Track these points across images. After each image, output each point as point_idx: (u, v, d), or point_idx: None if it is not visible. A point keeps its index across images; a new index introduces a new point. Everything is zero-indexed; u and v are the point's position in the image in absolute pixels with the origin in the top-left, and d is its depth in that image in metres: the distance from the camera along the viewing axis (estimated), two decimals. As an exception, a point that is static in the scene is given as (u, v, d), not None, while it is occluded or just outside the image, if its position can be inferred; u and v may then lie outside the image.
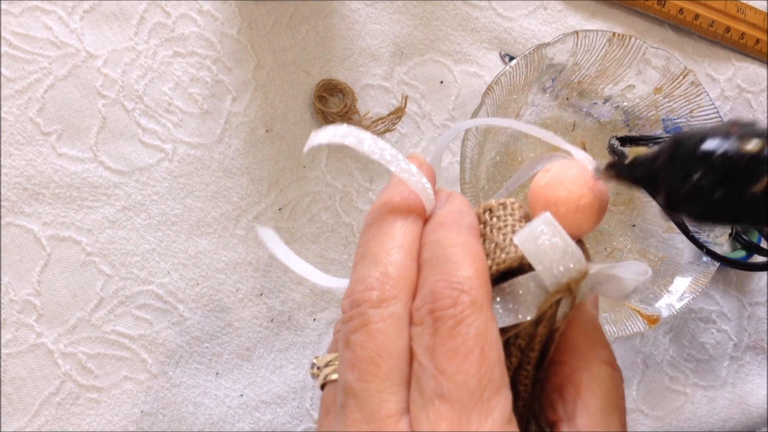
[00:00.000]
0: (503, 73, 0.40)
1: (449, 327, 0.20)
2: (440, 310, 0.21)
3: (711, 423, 0.50)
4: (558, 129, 0.46)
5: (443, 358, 0.20)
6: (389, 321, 0.21)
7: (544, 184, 0.24)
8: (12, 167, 0.40)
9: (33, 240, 0.40)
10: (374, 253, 0.23)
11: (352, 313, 0.22)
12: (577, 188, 0.23)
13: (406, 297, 0.22)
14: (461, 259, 0.22)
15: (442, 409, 0.19)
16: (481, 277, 0.22)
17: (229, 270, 0.43)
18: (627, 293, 0.23)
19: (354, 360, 0.21)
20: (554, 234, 0.22)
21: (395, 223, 0.24)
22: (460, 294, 0.21)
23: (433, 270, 0.22)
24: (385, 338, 0.21)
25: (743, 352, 0.51)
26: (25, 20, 0.40)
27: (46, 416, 0.40)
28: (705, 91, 0.42)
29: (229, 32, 0.43)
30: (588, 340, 0.23)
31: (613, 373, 0.23)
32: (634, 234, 0.46)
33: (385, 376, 0.21)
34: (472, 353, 0.20)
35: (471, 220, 0.24)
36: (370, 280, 0.22)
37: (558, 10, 0.48)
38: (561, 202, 0.23)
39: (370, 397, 0.21)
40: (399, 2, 0.45)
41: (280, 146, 0.43)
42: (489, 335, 0.20)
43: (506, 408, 0.20)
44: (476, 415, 0.19)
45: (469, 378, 0.20)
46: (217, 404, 0.42)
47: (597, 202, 0.23)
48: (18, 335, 0.40)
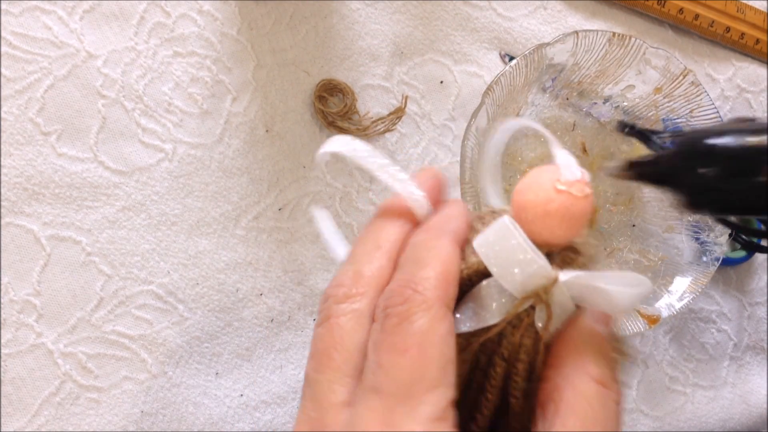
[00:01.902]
0: (503, 73, 0.40)
1: (394, 323, 0.21)
2: (391, 307, 0.21)
3: (711, 423, 0.50)
4: (558, 129, 0.46)
5: (383, 352, 0.21)
6: (350, 316, 0.22)
7: (518, 188, 0.23)
8: (12, 167, 0.40)
9: (33, 240, 0.40)
10: (354, 254, 0.24)
11: (321, 307, 0.23)
12: (545, 192, 0.22)
13: (373, 295, 0.23)
14: (427, 261, 0.22)
15: (374, 403, 0.20)
16: (442, 278, 0.22)
17: (229, 270, 0.43)
18: (618, 307, 0.22)
19: (313, 351, 0.23)
20: (510, 237, 0.22)
21: (381, 227, 0.25)
22: (412, 293, 0.21)
23: (401, 270, 0.23)
24: (342, 332, 0.22)
25: (743, 352, 0.51)
26: (25, 20, 0.40)
27: (46, 416, 0.40)
28: (705, 91, 0.42)
29: (229, 32, 0.43)
30: (577, 355, 0.22)
31: (602, 391, 0.22)
32: (634, 234, 0.46)
33: (336, 368, 0.22)
34: (410, 350, 0.20)
35: (456, 225, 0.24)
36: (342, 278, 0.23)
37: (558, 10, 0.48)
38: (529, 207, 0.22)
39: (320, 386, 0.22)
40: (399, 2, 0.45)
41: (280, 146, 0.43)
42: (431, 334, 0.21)
43: (437, 406, 0.20)
44: (402, 410, 0.20)
45: (401, 373, 0.20)
46: (217, 404, 0.42)
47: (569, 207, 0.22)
48: (18, 335, 0.40)
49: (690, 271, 0.43)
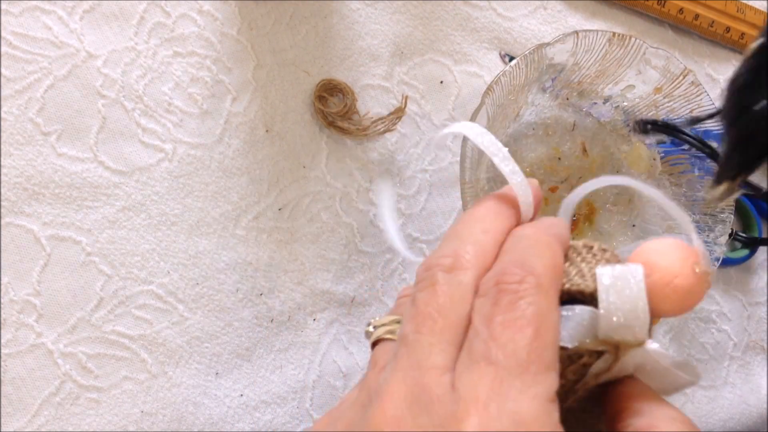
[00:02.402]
0: (503, 73, 0.40)
1: (510, 300, 0.21)
2: (505, 284, 0.21)
3: (711, 423, 0.50)
4: (558, 129, 0.46)
5: (498, 326, 0.20)
6: (455, 286, 0.22)
7: (654, 248, 0.24)
8: (12, 167, 0.40)
9: (33, 240, 0.40)
10: (459, 232, 0.25)
11: (423, 275, 0.23)
12: (680, 266, 0.23)
13: (477, 271, 0.23)
14: (539, 251, 0.22)
15: (487, 371, 0.20)
16: (554, 269, 0.22)
17: (229, 270, 0.43)
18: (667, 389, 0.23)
19: (414, 313, 0.22)
20: (635, 285, 0.22)
21: (488, 213, 0.25)
22: (527, 274, 0.21)
23: (510, 254, 0.23)
24: (447, 299, 0.22)
25: (743, 352, 0.51)
26: (25, 20, 0.40)
27: (46, 416, 0.40)
28: (705, 91, 0.42)
29: (229, 32, 0.43)
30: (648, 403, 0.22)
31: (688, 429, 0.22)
32: (634, 234, 0.46)
33: (439, 332, 0.22)
34: (527, 328, 0.20)
35: (560, 231, 0.25)
36: (447, 250, 0.23)
37: (558, 10, 0.48)
38: (657, 270, 0.23)
39: (421, 347, 0.21)
40: (399, 2, 0.45)
41: (280, 146, 0.44)
42: (548, 319, 0.21)
43: (551, 388, 0.20)
44: (519, 384, 0.19)
45: (519, 349, 0.20)
46: (217, 404, 0.42)
47: (691, 290, 0.23)
48: (18, 335, 0.40)
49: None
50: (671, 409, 0.22)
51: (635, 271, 0.22)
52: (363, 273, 0.45)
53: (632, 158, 0.44)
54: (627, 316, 0.21)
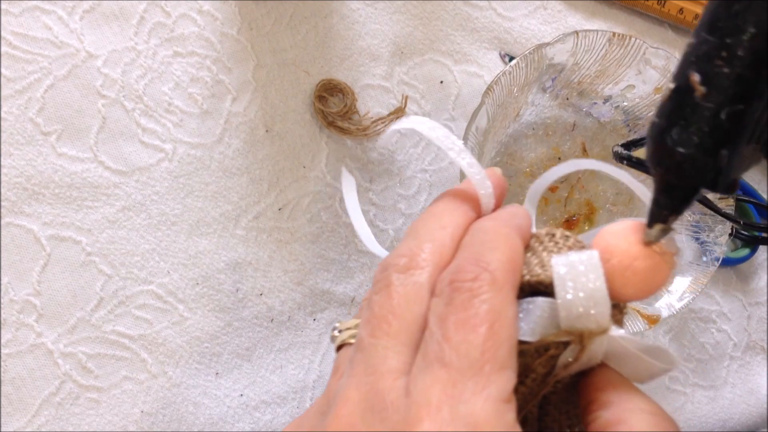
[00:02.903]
0: (503, 73, 0.40)
1: (464, 299, 0.20)
2: (459, 282, 0.21)
3: (711, 423, 0.50)
4: (558, 129, 0.46)
5: (451, 326, 0.20)
6: (410, 287, 0.22)
7: (613, 231, 0.23)
8: (12, 167, 0.40)
9: (33, 240, 0.40)
10: (416, 230, 0.24)
11: (379, 276, 0.23)
12: (639, 248, 0.22)
13: (433, 270, 0.22)
14: (496, 244, 0.22)
15: (440, 374, 0.20)
16: (511, 263, 0.22)
17: (229, 270, 0.43)
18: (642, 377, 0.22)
19: (369, 317, 0.22)
20: (591, 272, 0.21)
21: (445, 209, 0.25)
22: (482, 271, 0.21)
23: (467, 249, 0.22)
24: (402, 300, 0.22)
25: (743, 352, 0.51)
26: (25, 20, 0.40)
27: (46, 416, 0.40)
28: None
29: (229, 32, 0.43)
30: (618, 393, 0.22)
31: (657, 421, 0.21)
32: (634, 234, 0.46)
33: (394, 334, 0.21)
34: (481, 327, 0.20)
35: (520, 222, 0.24)
36: (404, 250, 0.23)
37: (558, 10, 0.48)
38: (617, 254, 0.22)
39: (376, 351, 0.21)
40: (399, 2, 0.45)
41: (280, 146, 0.44)
42: (503, 316, 0.20)
43: (506, 387, 0.20)
44: (471, 385, 0.19)
45: (472, 349, 0.20)
46: (217, 404, 0.42)
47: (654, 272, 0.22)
48: (18, 335, 0.40)
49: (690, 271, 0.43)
50: (642, 399, 0.22)
51: (591, 256, 0.22)
52: (363, 273, 0.45)
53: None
54: (586, 304, 0.21)
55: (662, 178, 0.23)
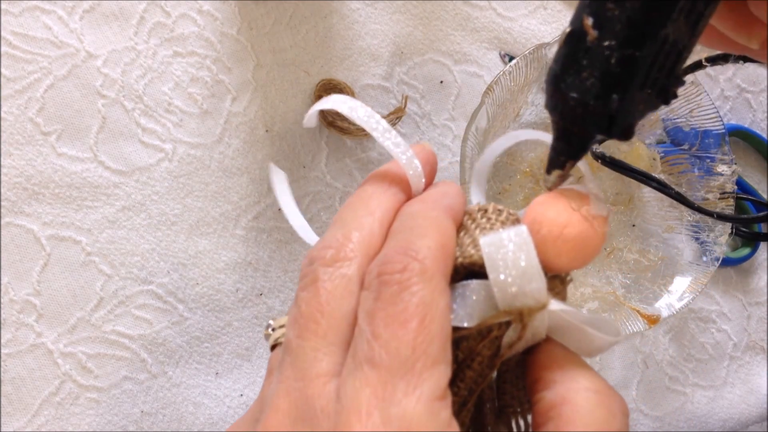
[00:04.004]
0: (503, 73, 0.40)
1: (392, 292, 0.19)
2: (387, 274, 0.20)
3: (711, 423, 0.50)
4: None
5: (380, 323, 0.19)
6: (338, 281, 0.21)
7: (540, 200, 0.22)
8: (12, 167, 0.40)
9: (33, 240, 0.40)
10: (343, 218, 0.23)
11: (305, 270, 0.22)
12: (567, 215, 0.21)
13: (362, 261, 0.21)
14: (424, 230, 0.21)
15: (370, 375, 0.19)
16: (441, 249, 0.20)
17: (229, 270, 0.43)
18: (590, 350, 0.21)
19: (297, 316, 0.21)
20: (521, 249, 0.20)
21: (373, 194, 0.23)
22: (411, 261, 0.20)
23: (396, 237, 0.21)
24: (330, 297, 0.21)
25: (743, 352, 0.51)
26: (25, 20, 0.40)
27: (46, 416, 0.40)
28: (705, 91, 0.42)
29: (229, 32, 0.43)
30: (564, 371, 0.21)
31: (601, 399, 0.20)
32: (634, 234, 0.46)
33: (323, 335, 0.20)
34: (411, 322, 0.19)
35: (451, 201, 0.23)
36: (331, 241, 0.22)
37: (558, 10, 0.48)
38: (545, 223, 0.21)
39: (304, 354, 0.20)
40: (399, 2, 0.45)
41: (280, 146, 0.44)
42: (434, 307, 0.19)
43: (439, 384, 0.19)
44: (403, 385, 0.18)
45: (402, 346, 0.19)
46: (217, 404, 0.42)
47: (585, 238, 0.21)
48: (18, 335, 0.40)
49: (690, 270, 0.43)
50: (587, 377, 0.21)
51: (519, 232, 0.21)
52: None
53: (632, 158, 0.44)
54: (520, 282, 0.20)
55: (558, 124, 0.22)
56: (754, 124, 0.51)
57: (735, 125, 0.50)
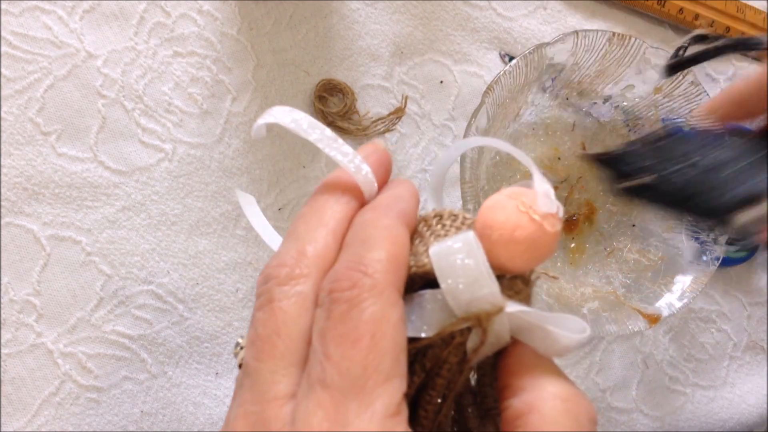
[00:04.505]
0: (503, 73, 0.40)
1: (342, 311, 0.19)
2: (338, 292, 0.20)
3: (711, 423, 0.50)
4: (558, 129, 0.46)
5: (331, 343, 0.19)
6: (293, 300, 0.21)
7: (488, 204, 0.22)
8: (12, 167, 0.40)
9: (33, 240, 0.40)
10: (297, 231, 0.23)
11: (261, 289, 0.22)
12: (516, 217, 0.21)
13: (317, 276, 0.21)
14: (376, 242, 0.21)
15: (322, 397, 0.19)
16: (392, 261, 0.20)
17: (229, 270, 0.43)
18: (557, 350, 0.21)
19: (254, 338, 0.21)
20: (469, 255, 0.20)
21: (326, 203, 0.23)
22: (362, 276, 0.20)
23: (347, 251, 0.21)
24: (286, 317, 0.20)
25: (743, 352, 0.51)
26: (25, 20, 0.40)
27: (46, 416, 0.40)
28: (705, 91, 0.42)
29: (229, 32, 0.43)
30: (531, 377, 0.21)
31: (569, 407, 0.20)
32: (633, 234, 0.46)
33: (280, 356, 0.20)
34: (362, 340, 0.19)
35: (404, 206, 0.23)
36: (285, 257, 0.22)
37: (558, 10, 0.48)
38: (496, 227, 0.21)
39: (262, 377, 0.20)
40: (399, 2, 0.45)
41: (280, 146, 0.44)
42: (384, 322, 0.19)
43: (392, 400, 0.19)
44: (355, 406, 0.18)
45: (353, 366, 0.19)
46: (217, 404, 0.42)
47: (536, 238, 0.21)
48: (18, 335, 0.40)
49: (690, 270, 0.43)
50: (555, 384, 0.21)
51: (466, 239, 0.21)
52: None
53: None
54: (471, 288, 0.20)
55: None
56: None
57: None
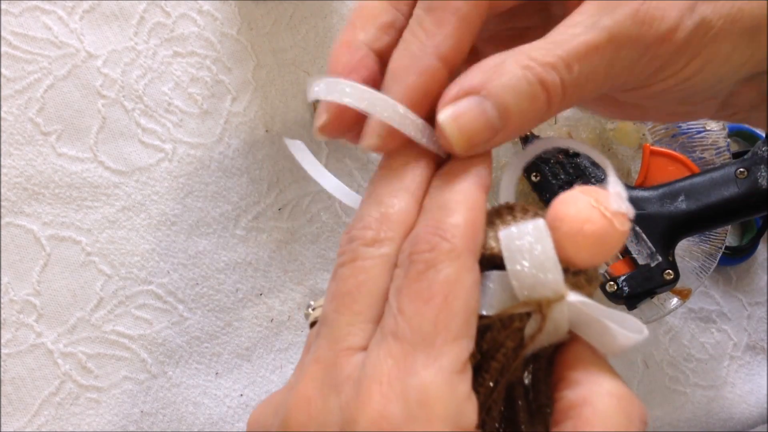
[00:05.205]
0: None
1: (419, 270, 0.20)
2: (417, 254, 0.21)
3: (711, 423, 0.50)
4: (541, 126, 0.45)
5: (406, 299, 0.20)
6: (378, 260, 0.22)
7: (562, 199, 0.23)
8: (12, 167, 0.40)
9: (33, 240, 0.40)
10: (379, 194, 0.23)
11: (345, 248, 0.22)
12: (587, 211, 0.22)
13: (399, 239, 0.22)
14: (455, 207, 0.22)
15: (392, 347, 0.20)
16: (470, 227, 0.21)
17: (229, 270, 0.43)
18: (613, 348, 0.22)
19: (335, 291, 0.22)
20: (538, 241, 0.21)
21: (406, 166, 0.24)
22: (440, 240, 0.21)
23: (427, 215, 0.22)
24: (367, 276, 0.22)
25: (743, 352, 0.51)
26: (25, 20, 0.40)
27: (46, 416, 0.40)
28: None
29: (229, 32, 0.43)
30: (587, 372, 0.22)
31: (623, 405, 0.21)
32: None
33: (358, 311, 0.21)
34: (434, 298, 0.20)
35: (485, 179, 0.23)
36: (369, 220, 0.23)
37: (558, 10, 0.48)
38: (566, 220, 0.22)
39: (339, 328, 0.21)
40: (399, 2, 0.45)
41: (280, 146, 0.44)
42: (459, 284, 0.20)
43: (459, 357, 0.20)
44: (423, 358, 0.19)
45: (425, 322, 0.20)
46: (217, 404, 0.42)
47: (605, 234, 0.22)
48: (18, 335, 0.40)
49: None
50: (611, 381, 0.21)
51: (536, 225, 0.22)
52: (363, 273, 0.45)
53: (619, 135, 0.45)
54: (536, 273, 0.21)
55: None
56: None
57: (735, 125, 0.50)
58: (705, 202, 0.37)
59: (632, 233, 0.37)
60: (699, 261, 0.43)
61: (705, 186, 0.38)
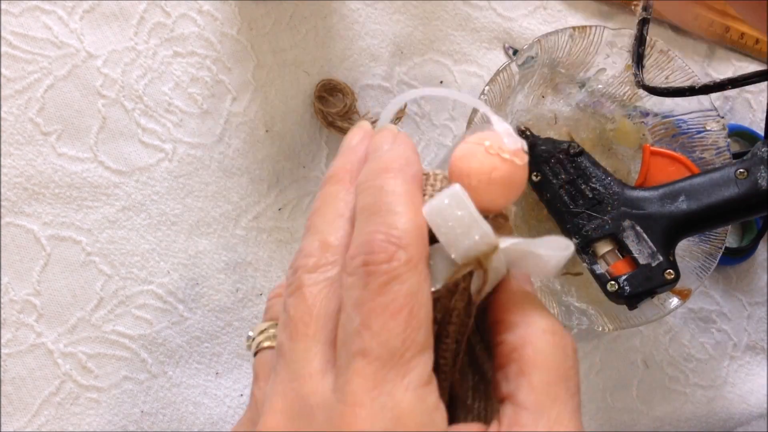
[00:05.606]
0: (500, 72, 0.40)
1: (381, 282, 0.20)
2: (374, 265, 0.20)
3: (711, 423, 0.50)
4: (541, 125, 0.45)
5: (371, 313, 0.20)
6: (323, 284, 0.22)
7: (460, 155, 0.24)
8: (12, 167, 0.40)
9: (33, 240, 0.40)
10: (316, 225, 0.24)
11: (290, 279, 0.23)
12: (489, 160, 0.23)
13: (343, 259, 0.22)
14: (402, 210, 0.21)
15: (361, 366, 0.19)
16: (420, 232, 0.21)
17: (229, 270, 0.43)
18: (548, 270, 0.23)
19: (287, 321, 0.22)
20: (459, 206, 0.22)
21: (337, 194, 0.24)
22: (396, 249, 0.20)
23: (372, 218, 0.22)
24: (316, 300, 0.22)
25: (743, 352, 0.51)
26: (25, 20, 0.40)
27: (46, 416, 0.40)
28: (676, 55, 0.42)
29: (229, 32, 0.43)
30: (523, 314, 0.22)
31: (557, 341, 0.22)
32: (634, 234, 0.46)
33: (313, 335, 0.21)
34: (401, 312, 0.20)
35: (417, 169, 0.24)
36: (310, 249, 0.23)
37: (558, 10, 0.48)
38: (473, 174, 0.23)
39: (296, 355, 0.21)
40: (399, 2, 0.45)
41: (280, 146, 0.44)
42: (420, 295, 0.20)
43: (425, 370, 0.20)
44: (392, 375, 0.19)
45: (392, 337, 0.19)
46: (217, 404, 0.42)
47: (511, 175, 0.23)
48: (18, 335, 0.40)
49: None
50: (544, 318, 0.22)
51: (453, 193, 0.22)
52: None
53: (619, 135, 0.45)
54: (467, 235, 0.22)
55: None
56: (754, 124, 0.51)
57: (735, 125, 0.50)
58: (705, 203, 0.37)
59: (633, 233, 0.37)
60: (699, 261, 0.43)
61: (705, 186, 0.38)
